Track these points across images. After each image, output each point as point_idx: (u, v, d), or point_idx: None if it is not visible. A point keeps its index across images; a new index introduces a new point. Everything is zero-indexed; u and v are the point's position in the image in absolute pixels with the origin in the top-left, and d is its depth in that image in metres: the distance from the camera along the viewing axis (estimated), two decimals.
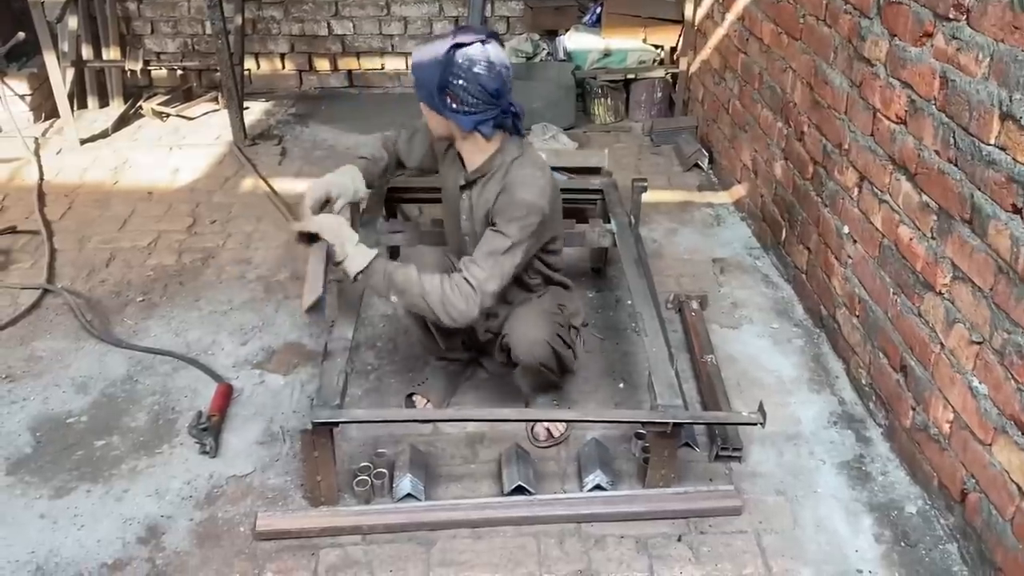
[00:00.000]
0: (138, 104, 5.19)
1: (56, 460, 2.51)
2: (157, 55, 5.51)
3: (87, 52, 5.04)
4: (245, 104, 4.90)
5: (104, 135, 4.80)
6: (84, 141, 4.68)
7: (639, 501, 2.33)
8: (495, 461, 2.49)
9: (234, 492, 2.40)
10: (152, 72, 5.46)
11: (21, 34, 4.63)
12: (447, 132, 2.34)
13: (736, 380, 2.85)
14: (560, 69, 5.10)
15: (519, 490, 2.33)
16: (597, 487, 2.37)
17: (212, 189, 4.20)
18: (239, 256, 3.60)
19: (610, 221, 3.13)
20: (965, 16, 2.11)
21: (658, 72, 5.04)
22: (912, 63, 2.38)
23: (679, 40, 5.00)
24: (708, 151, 4.43)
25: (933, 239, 2.30)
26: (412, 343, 2.90)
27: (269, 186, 4.20)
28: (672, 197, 4.14)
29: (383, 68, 5.62)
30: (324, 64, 5.61)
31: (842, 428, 2.65)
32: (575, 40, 5.23)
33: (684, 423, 2.34)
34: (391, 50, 5.52)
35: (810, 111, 3.12)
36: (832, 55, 2.92)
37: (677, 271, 3.50)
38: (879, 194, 2.61)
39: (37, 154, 4.50)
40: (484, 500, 2.35)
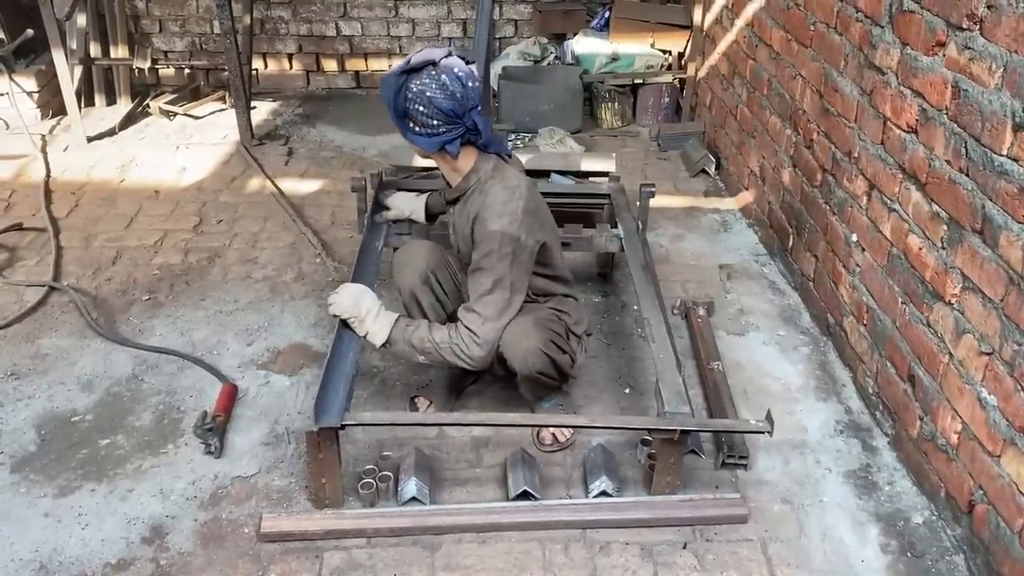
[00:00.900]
0: (145, 102, 5.20)
1: (61, 458, 2.51)
2: (165, 54, 5.52)
3: (95, 50, 5.06)
4: (252, 104, 4.90)
5: (111, 133, 4.81)
6: (91, 139, 4.69)
7: (644, 508, 2.33)
8: (500, 466, 2.48)
9: (239, 493, 2.40)
10: (160, 71, 5.48)
11: (30, 31, 4.65)
12: (423, 153, 2.43)
13: (742, 387, 2.84)
14: (568, 73, 5.11)
15: (524, 495, 2.32)
16: (603, 493, 2.36)
17: (219, 188, 4.21)
18: (245, 256, 3.60)
19: (617, 226, 3.13)
20: (978, 26, 2.10)
21: (666, 77, 5.04)
22: (924, 72, 2.38)
23: (687, 45, 5.00)
24: (715, 157, 4.42)
25: (943, 249, 2.29)
26: None
27: (276, 186, 4.20)
28: (679, 202, 4.14)
29: (391, 69, 5.60)
30: (332, 65, 5.62)
31: (848, 437, 2.64)
32: (583, 44, 5.23)
33: (691, 431, 2.33)
34: (399, 52, 5.52)
35: (819, 118, 3.11)
36: (842, 63, 2.91)
37: (683, 277, 3.50)
38: (888, 203, 2.60)
39: (44, 151, 4.51)
40: (489, 505, 2.35)
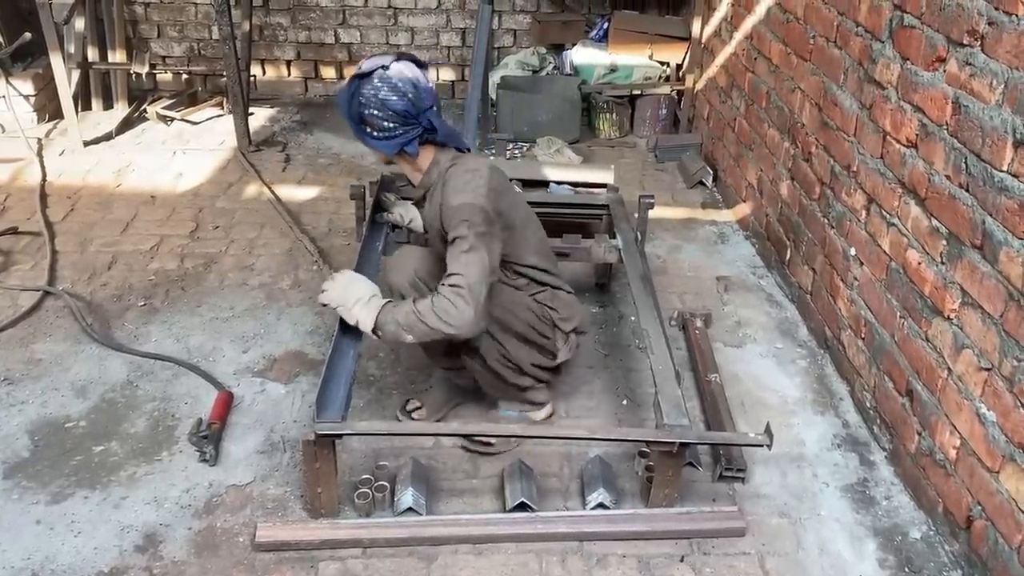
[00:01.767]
0: (142, 107, 5.18)
1: (54, 465, 2.49)
2: (163, 59, 5.51)
3: (93, 54, 5.04)
4: (250, 110, 4.89)
5: (108, 138, 4.79)
6: (87, 143, 4.66)
7: (642, 520, 2.31)
8: (497, 476, 2.47)
9: (233, 501, 2.38)
10: (157, 76, 5.46)
11: (28, 34, 4.64)
12: (386, 159, 2.43)
13: (740, 399, 2.84)
14: (566, 83, 5.12)
15: (522, 506, 2.31)
16: (600, 505, 2.35)
17: (215, 194, 4.19)
18: (242, 262, 3.58)
19: (615, 237, 3.13)
20: (979, 43, 2.11)
21: (664, 89, 5.06)
22: (924, 87, 2.39)
23: (685, 57, 5.02)
24: (712, 169, 4.43)
25: (942, 264, 2.30)
26: (414, 354, 2.88)
27: (273, 193, 4.19)
28: (676, 214, 4.14)
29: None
30: (330, 72, 5.62)
31: (846, 451, 2.64)
32: (582, 55, 5.24)
33: (690, 443, 2.32)
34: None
35: (818, 132, 3.12)
36: (842, 77, 2.92)
37: (681, 288, 3.50)
38: (887, 217, 2.61)
39: (40, 155, 4.49)
40: (486, 516, 2.34)
